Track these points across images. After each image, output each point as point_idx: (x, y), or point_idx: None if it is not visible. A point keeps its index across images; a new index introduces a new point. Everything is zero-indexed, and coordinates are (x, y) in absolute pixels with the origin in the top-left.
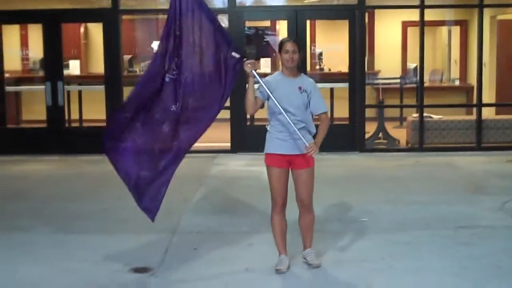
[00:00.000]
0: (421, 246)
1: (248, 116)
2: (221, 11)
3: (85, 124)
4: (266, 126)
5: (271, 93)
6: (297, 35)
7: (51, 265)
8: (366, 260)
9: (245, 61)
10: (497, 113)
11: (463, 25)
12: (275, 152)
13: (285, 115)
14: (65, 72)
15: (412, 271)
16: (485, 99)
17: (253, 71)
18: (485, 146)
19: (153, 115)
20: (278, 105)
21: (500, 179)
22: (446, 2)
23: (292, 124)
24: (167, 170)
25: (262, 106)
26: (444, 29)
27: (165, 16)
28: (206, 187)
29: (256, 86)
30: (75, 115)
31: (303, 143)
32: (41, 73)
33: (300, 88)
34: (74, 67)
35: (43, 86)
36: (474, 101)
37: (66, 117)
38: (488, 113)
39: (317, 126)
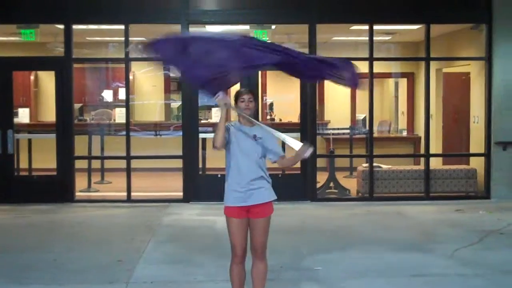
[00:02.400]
0: None
1: (201, 163)
2: None
3: (34, 173)
4: (218, 174)
5: (229, 141)
6: (249, 86)
7: None
8: None
9: (217, 97)
10: (444, 163)
11: (410, 77)
12: (234, 205)
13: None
14: (14, 120)
15: None
16: (432, 150)
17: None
18: (434, 195)
19: None
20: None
21: (449, 228)
22: (394, 55)
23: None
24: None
25: (224, 147)
26: (391, 81)
27: (115, 65)
28: (159, 236)
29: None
30: (24, 164)
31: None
32: None
33: (255, 136)
34: (23, 115)
35: None
36: (422, 151)
37: (16, 165)
38: (435, 163)
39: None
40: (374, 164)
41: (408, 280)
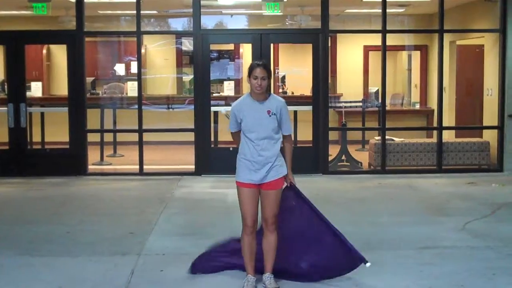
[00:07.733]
0: (386, 266)
1: (213, 136)
2: (186, 34)
3: (47, 146)
4: (230, 147)
5: (242, 120)
6: (261, 58)
7: None
8: (332, 279)
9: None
10: (456, 136)
11: (423, 50)
12: (246, 182)
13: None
14: (27, 94)
15: None
16: (445, 123)
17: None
18: (446, 168)
19: None
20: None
21: (461, 201)
22: (407, 27)
23: None
24: None
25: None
26: (404, 54)
27: (127, 39)
28: (170, 209)
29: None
30: (37, 138)
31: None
32: (2, 95)
33: (269, 112)
34: (36, 89)
35: (5, 108)
36: (435, 124)
37: (28, 139)
38: (448, 136)
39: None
40: (387, 137)
41: (419, 253)
